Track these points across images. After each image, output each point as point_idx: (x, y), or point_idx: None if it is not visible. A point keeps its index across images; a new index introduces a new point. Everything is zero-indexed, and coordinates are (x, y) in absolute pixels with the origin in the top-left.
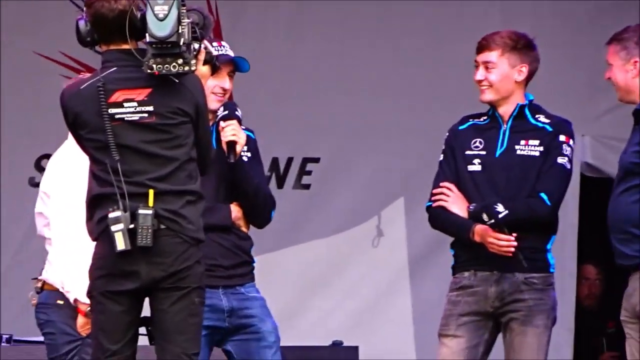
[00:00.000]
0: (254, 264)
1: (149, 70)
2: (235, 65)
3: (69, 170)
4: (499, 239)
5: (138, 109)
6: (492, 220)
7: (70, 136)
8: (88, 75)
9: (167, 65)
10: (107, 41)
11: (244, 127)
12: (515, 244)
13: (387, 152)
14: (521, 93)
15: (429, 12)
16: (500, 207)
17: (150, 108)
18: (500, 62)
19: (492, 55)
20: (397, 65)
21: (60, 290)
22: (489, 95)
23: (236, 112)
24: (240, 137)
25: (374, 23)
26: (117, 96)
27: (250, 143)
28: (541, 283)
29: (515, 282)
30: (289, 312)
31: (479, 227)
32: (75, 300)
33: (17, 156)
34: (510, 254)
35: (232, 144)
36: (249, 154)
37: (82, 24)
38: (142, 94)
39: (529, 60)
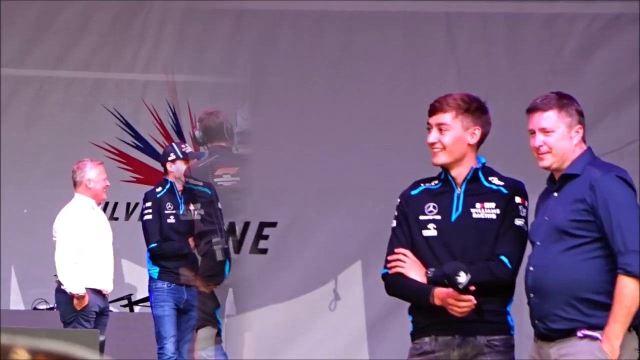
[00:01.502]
0: (221, 326)
1: None
2: None
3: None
4: (460, 300)
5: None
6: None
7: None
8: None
9: None
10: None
11: (201, 184)
12: (475, 302)
13: (344, 216)
14: (473, 156)
15: (384, 76)
16: (461, 278)
17: None
18: (454, 124)
19: (445, 117)
20: (354, 129)
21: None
22: (442, 158)
23: None
24: None
25: (328, 89)
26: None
27: (203, 199)
28: (503, 345)
29: (477, 345)
30: None
31: (438, 291)
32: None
33: None
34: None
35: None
36: (202, 212)
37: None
38: None
39: (481, 123)
